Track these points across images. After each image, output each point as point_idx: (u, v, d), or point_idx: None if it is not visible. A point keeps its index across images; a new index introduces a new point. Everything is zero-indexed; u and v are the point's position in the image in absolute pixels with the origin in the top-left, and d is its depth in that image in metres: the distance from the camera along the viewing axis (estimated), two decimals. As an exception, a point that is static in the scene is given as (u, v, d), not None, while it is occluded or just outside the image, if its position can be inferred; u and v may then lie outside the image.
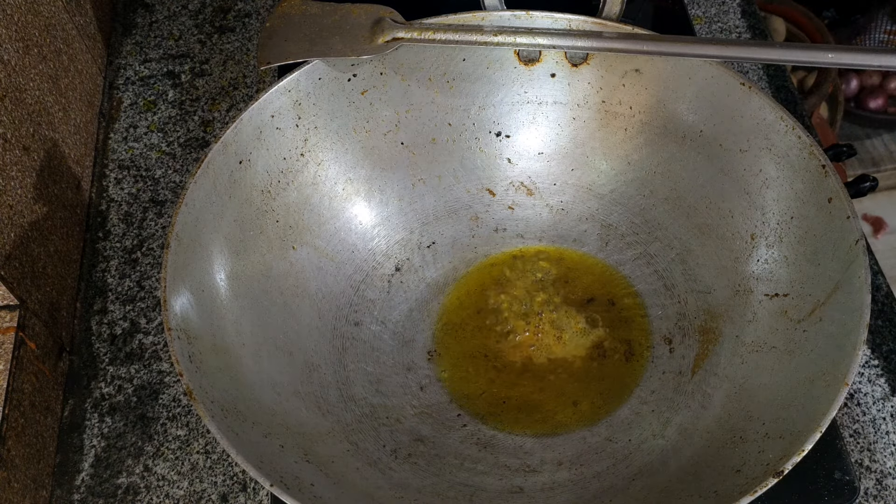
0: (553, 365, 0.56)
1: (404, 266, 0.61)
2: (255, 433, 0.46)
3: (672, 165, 0.58)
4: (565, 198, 0.62)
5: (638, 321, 0.58)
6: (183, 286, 0.48)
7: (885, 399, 0.59)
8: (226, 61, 0.79)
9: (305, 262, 0.57)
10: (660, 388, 0.55)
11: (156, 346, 0.63)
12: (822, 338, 0.47)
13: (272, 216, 0.56)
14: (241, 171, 0.54)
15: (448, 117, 0.61)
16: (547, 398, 0.55)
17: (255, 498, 0.56)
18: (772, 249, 0.53)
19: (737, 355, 0.52)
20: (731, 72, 0.53)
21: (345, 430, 0.52)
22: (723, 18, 0.81)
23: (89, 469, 0.58)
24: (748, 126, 0.53)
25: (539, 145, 0.62)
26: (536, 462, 0.52)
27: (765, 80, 0.76)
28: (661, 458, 0.50)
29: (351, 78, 0.57)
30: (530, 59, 0.59)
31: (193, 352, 0.46)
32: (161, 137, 0.74)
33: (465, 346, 0.58)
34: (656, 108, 0.57)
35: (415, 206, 0.62)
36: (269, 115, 0.55)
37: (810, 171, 0.51)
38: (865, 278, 0.46)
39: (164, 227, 0.69)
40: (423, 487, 0.50)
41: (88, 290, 0.66)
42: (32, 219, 0.59)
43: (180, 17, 0.83)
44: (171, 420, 0.59)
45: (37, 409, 0.57)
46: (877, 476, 0.56)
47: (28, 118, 0.60)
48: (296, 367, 0.53)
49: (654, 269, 0.59)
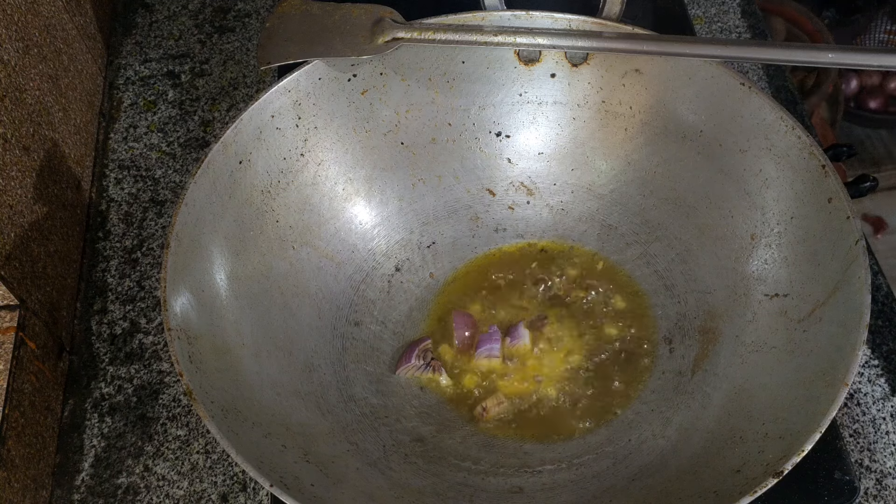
0: (553, 365, 0.56)
1: (404, 266, 0.61)
2: (255, 433, 0.46)
3: (672, 165, 0.58)
4: (565, 198, 0.62)
5: (638, 321, 0.58)
6: (183, 286, 0.48)
7: (885, 399, 0.59)
8: (226, 61, 0.79)
9: (305, 262, 0.57)
10: (660, 388, 0.55)
11: (156, 346, 0.63)
12: (822, 338, 0.47)
13: (272, 216, 0.56)
14: (241, 171, 0.54)
15: (448, 117, 0.61)
16: (546, 398, 0.55)
17: (255, 498, 0.56)
18: (772, 249, 0.53)
19: (737, 355, 0.52)
20: (731, 72, 0.53)
21: (345, 430, 0.52)
22: (723, 18, 0.81)
23: (89, 469, 0.58)
24: (748, 126, 0.53)
25: (539, 145, 0.62)
26: (536, 462, 0.52)
27: (765, 80, 0.76)
28: (660, 458, 0.50)
29: (351, 78, 0.57)
30: (530, 59, 0.59)
31: (193, 352, 0.46)
32: (161, 137, 0.74)
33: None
34: (656, 108, 0.57)
35: (415, 206, 0.62)
36: (269, 115, 0.55)
37: (810, 171, 0.51)
38: (865, 278, 0.46)
39: (164, 227, 0.69)
40: (423, 487, 0.50)
41: (88, 290, 0.66)
42: (32, 219, 0.59)
43: (180, 17, 0.83)
44: (171, 420, 0.59)
45: (37, 409, 0.57)
46: (877, 476, 0.56)
47: (28, 118, 0.60)
48: (296, 367, 0.53)
49: (654, 269, 0.59)
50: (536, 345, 0.57)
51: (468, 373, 0.56)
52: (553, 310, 0.59)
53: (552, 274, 0.60)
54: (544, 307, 0.59)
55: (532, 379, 0.56)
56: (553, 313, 0.58)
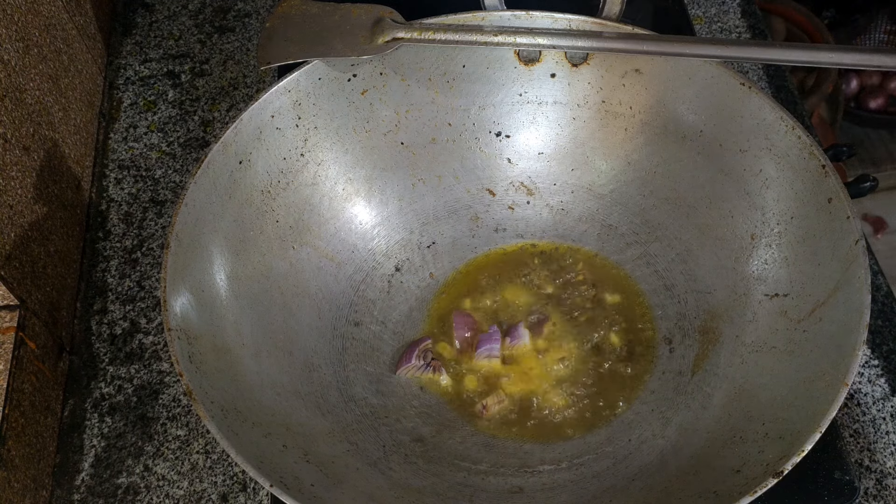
0: (553, 365, 0.56)
1: (404, 266, 0.61)
2: (255, 433, 0.46)
3: (672, 165, 0.58)
4: (565, 198, 0.62)
5: (638, 321, 0.58)
6: (183, 286, 0.48)
7: (885, 399, 0.59)
8: (226, 61, 0.79)
9: (305, 262, 0.57)
10: (660, 388, 0.55)
11: (156, 346, 0.63)
12: (822, 338, 0.47)
13: (272, 216, 0.56)
14: (241, 171, 0.54)
15: (448, 117, 0.61)
16: (546, 398, 0.55)
17: (255, 498, 0.56)
18: (772, 249, 0.53)
19: (737, 355, 0.52)
20: (731, 72, 0.53)
21: (345, 430, 0.52)
22: (723, 18, 0.81)
23: (89, 469, 0.58)
24: (748, 126, 0.53)
25: (539, 145, 0.62)
26: (536, 462, 0.52)
27: (765, 80, 0.76)
28: (661, 458, 0.50)
29: (351, 78, 0.57)
30: (530, 59, 0.59)
31: (193, 352, 0.46)
32: (161, 137, 0.74)
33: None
34: (656, 108, 0.57)
35: (415, 207, 0.62)
36: (269, 115, 0.55)
37: (810, 171, 0.51)
38: (865, 278, 0.46)
39: (164, 227, 0.69)
40: (423, 487, 0.50)
41: (88, 290, 0.66)
42: (32, 219, 0.59)
43: (180, 17, 0.83)
44: (171, 420, 0.59)
45: (37, 409, 0.57)
46: (877, 476, 0.56)
47: (28, 118, 0.60)
48: (296, 367, 0.53)
49: (654, 269, 0.59)
50: (536, 345, 0.57)
51: (468, 373, 0.56)
52: (553, 310, 0.59)
53: (552, 274, 0.60)
54: (544, 307, 0.59)
55: (532, 379, 0.56)
56: (553, 313, 0.58)
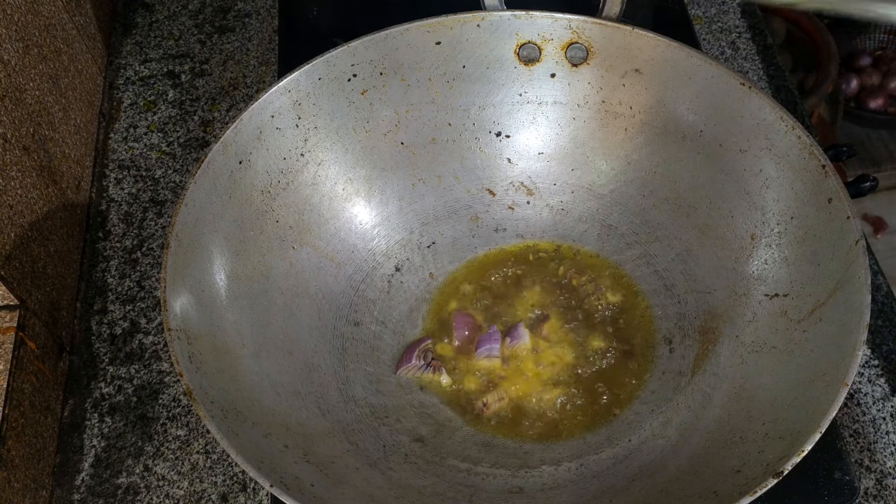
0: (553, 365, 0.56)
1: (404, 266, 0.61)
2: (255, 433, 0.46)
3: (672, 165, 0.58)
4: (565, 198, 0.62)
5: (638, 321, 0.58)
6: (183, 286, 0.48)
7: (885, 399, 0.59)
8: (226, 61, 0.79)
9: (305, 262, 0.57)
10: (660, 388, 0.55)
11: (156, 346, 0.63)
12: (822, 338, 0.47)
13: (272, 216, 0.56)
14: (241, 171, 0.54)
15: (448, 117, 0.61)
16: (546, 398, 0.55)
17: (255, 498, 0.56)
18: (772, 249, 0.53)
19: (737, 355, 0.52)
20: (731, 72, 0.53)
21: (345, 430, 0.52)
22: (723, 18, 0.81)
23: (89, 469, 0.58)
24: (748, 126, 0.53)
25: (539, 145, 0.62)
26: (536, 462, 0.52)
27: (765, 80, 0.76)
28: (661, 458, 0.50)
29: (351, 78, 0.57)
30: (530, 59, 0.59)
31: (193, 352, 0.46)
32: (161, 137, 0.74)
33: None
34: (656, 108, 0.57)
35: (415, 206, 0.62)
36: (269, 115, 0.55)
37: (810, 171, 0.51)
38: (865, 278, 0.46)
39: (164, 227, 0.69)
40: (423, 487, 0.50)
41: (88, 290, 0.66)
42: (32, 219, 0.59)
43: (180, 17, 0.83)
44: (171, 420, 0.59)
45: (37, 409, 0.57)
46: (877, 476, 0.56)
47: (28, 118, 0.60)
48: (296, 367, 0.53)
49: (654, 269, 0.59)
50: (536, 345, 0.57)
51: (468, 373, 0.56)
52: (553, 310, 0.59)
53: (552, 274, 0.60)
54: (544, 307, 0.59)
55: (532, 379, 0.56)
56: (553, 313, 0.58)
